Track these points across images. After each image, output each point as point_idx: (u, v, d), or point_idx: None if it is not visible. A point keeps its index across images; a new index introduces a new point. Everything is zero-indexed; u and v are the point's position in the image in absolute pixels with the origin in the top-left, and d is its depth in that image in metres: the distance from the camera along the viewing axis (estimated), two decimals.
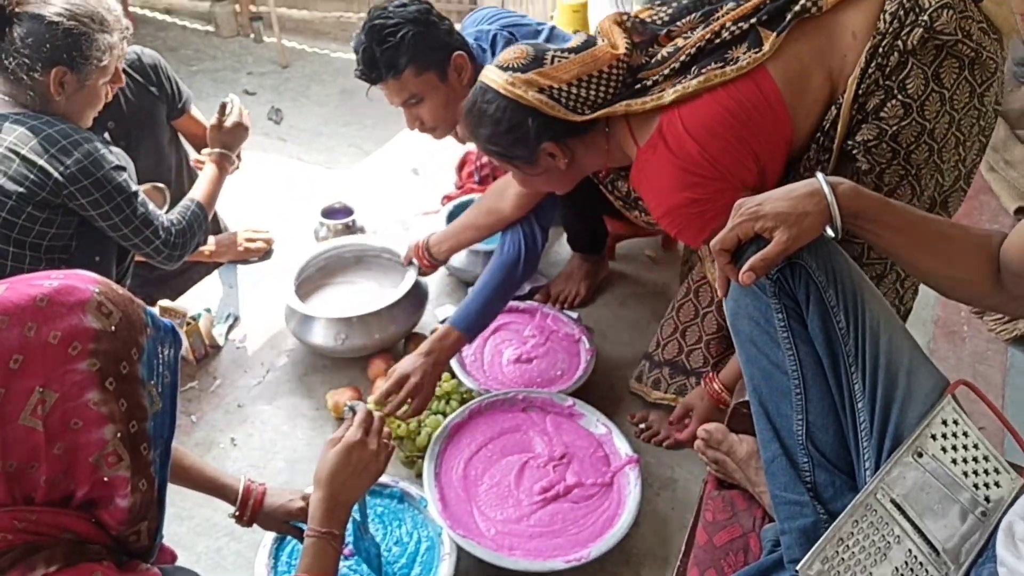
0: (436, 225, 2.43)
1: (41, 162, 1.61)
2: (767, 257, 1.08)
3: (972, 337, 2.36)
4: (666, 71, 1.46)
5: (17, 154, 1.61)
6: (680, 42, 1.50)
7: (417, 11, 1.82)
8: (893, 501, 1.00)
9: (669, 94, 1.42)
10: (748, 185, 1.46)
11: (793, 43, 1.40)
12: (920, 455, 1.03)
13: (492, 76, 1.49)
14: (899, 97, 1.37)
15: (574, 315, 2.21)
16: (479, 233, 2.07)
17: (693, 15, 1.52)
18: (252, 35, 6.15)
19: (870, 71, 1.37)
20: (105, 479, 0.86)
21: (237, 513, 1.43)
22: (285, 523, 1.47)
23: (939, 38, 1.33)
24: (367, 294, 2.22)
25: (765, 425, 1.18)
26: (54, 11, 1.62)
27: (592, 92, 1.45)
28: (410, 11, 1.82)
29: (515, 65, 1.47)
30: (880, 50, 1.36)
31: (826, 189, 1.09)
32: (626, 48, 1.48)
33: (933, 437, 1.05)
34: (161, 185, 2.13)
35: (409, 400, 1.75)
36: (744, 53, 1.41)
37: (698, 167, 1.41)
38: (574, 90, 1.45)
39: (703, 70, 1.42)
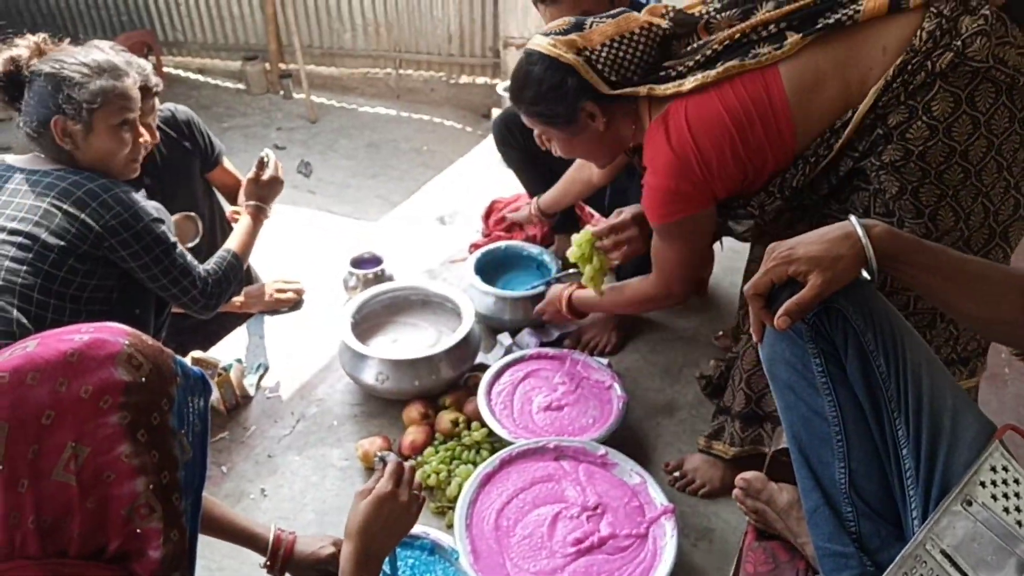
0: (464, 272, 2.46)
1: (83, 216, 1.65)
2: (802, 301, 1.07)
3: (1014, 380, 2.30)
4: (691, 63, 1.52)
5: (60, 208, 1.64)
6: (714, 37, 1.55)
7: None
8: (943, 552, 0.96)
9: (689, 82, 1.49)
10: (730, 193, 1.58)
11: (816, 49, 1.43)
12: (970, 503, 0.99)
13: (537, 41, 1.62)
14: (924, 119, 1.36)
15: (604, 361, 2.19)
16: (575, 197, 2.46)
17: (733, 12, 1.57)
18: (282, 92, 6.31)
19: (894, 85, 1.37)
20: (138, 531, 0.86)
21: (268, 563, 1.42)
22: (316, 571, 1.46)
23: (970, 64, 1.32)
24: (424, 339, 2.26)
25: (806, 473, 1.15)
26: (49, 65, 1.66)
27: (622, 53, 1.56)
28: None
29: (558, 30, 1.61)
30: (909, 67, 1.36)
31: (860, 231, 1.07)
32: (663, 24, 1.59)
33: (982, 484, 1.01)
34: (193, 215, 2.17)
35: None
36: (765, 50, 1.45)
37: (688, 165, 1.51)
38: (606, 51, 1.56)
39: (725, 63, 1.47)
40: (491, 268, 2.53)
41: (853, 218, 1.09)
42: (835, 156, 1.48)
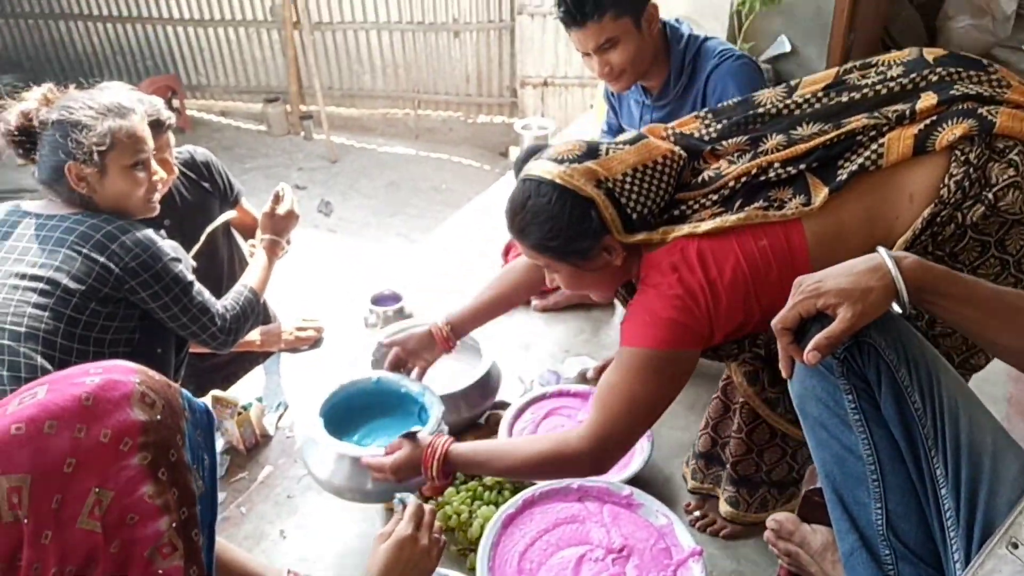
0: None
1: (102, 259, 1.65)
2: (832, 335, 1.04)
3: None
4: (706, 201, 1.41)
5: (79, 253, 1.65)
6: (724, 166, 1.45)
7: None
8: None
9: (707, 224, 1.36)
10: (727, 336, 1.42)
11: (842, 201, 1.33)
12: (1016, 546, 0.95)
13: (547, 168, 1.41)
14: (948, 262, 1.30)
15: None
16: (513, 304, 2.00)
17: (740, 138, 1.48)
18: (302, 133, 6.40)
19: (923, 237, 1.30)
20: (160, 571, 0.84)
21: None
22: None
23: (1003, 216, 1.27)
24: (442, 377, 2.21)
25: (841, 514, 1.11)
26: (56, 113, 1.67)
27: (647, 186, 1.40)
28: None
29: (570, 157, 1.41)
30: (938, 219, 1.28)
31: (889, 263, 1.05)
32: (681, 152, 1.47)
33: None
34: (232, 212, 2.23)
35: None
36: (790, 198, 1.36)
37: (695, 300, 1.34)
38: (628, 183, 1.39)
39: (745, 207, 1.36)
40: (352, 411, 1.86)
41: (882, 249, 1.07)
42: None
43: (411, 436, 1.58)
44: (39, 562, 0.79)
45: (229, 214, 2.26)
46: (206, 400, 2.12)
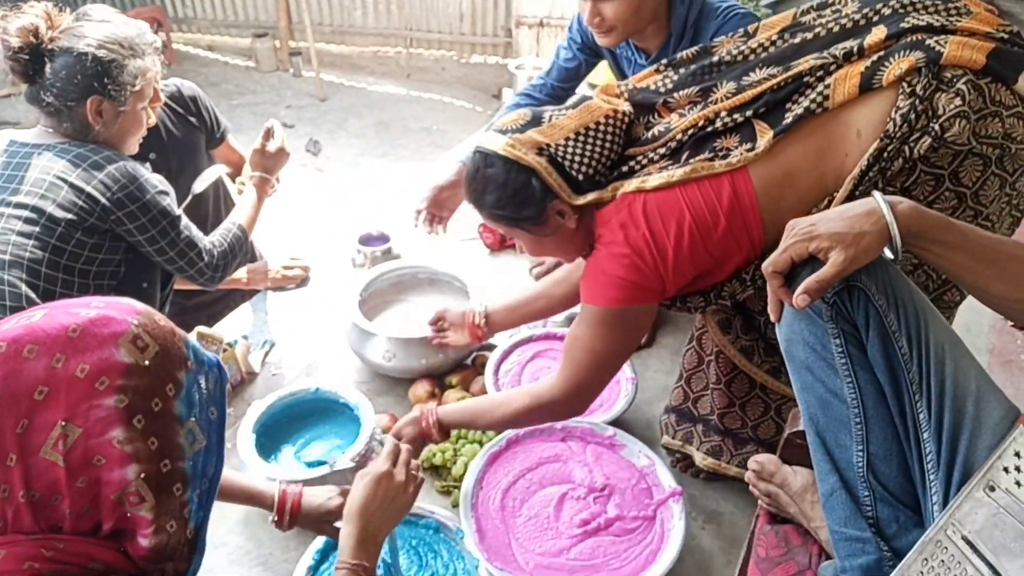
0: (473, 250, 2.42)
1: (88, 188, 1.63)
2: (823, 279, 1.03)
3: None
4: (654, 154, 1.41)
5: (65, 181, 1.62)
6: (675, 119, 1.44)
7: None
8: (965, 538, 0.93)
9: (654, 179, 1.36)
10: (679, 290, 1.43)
11: (788, 144, 1.33)
12: (992, 489, 0.96)
13: (491, 140, 1.43)
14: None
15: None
16: (553, 304, 1.93)
17: (692, 89, 1.47)
18: (291, 70, 6.27)
19: (871, 174, 1.29)
20: (128, 515, 0.83)
21: (276, 519, 1.43)
22: (326, 523, 1.47)
23: (951, 147, 1.25)
24: (425, 315, 2.22)
25: (823, 456, 1.12)
26: (85, 43, 1.64)
27: (588, 148, 1.40)
28: None
29: (513, 127, 1.43)
30: (885, 153, 1.27)
31: (884, 207, 1.04)
32: (626, 109, 1.46)
33: (1006, 470, 0.98)
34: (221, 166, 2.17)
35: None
36: (736, 147, 1.35)
37: (643, 258, 1.36)
38: (571, 148, 1.40)
39: (691, 160, 1.36)
40: (293, 418, 1.90)
41: (877, 194, 1.05)
42: None
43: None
44: (7, 484, 0.78)
45: (217, 169, 2.20)
46: (191, 336, 2.12)
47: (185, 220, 1.81)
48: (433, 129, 5.07)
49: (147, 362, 0.83)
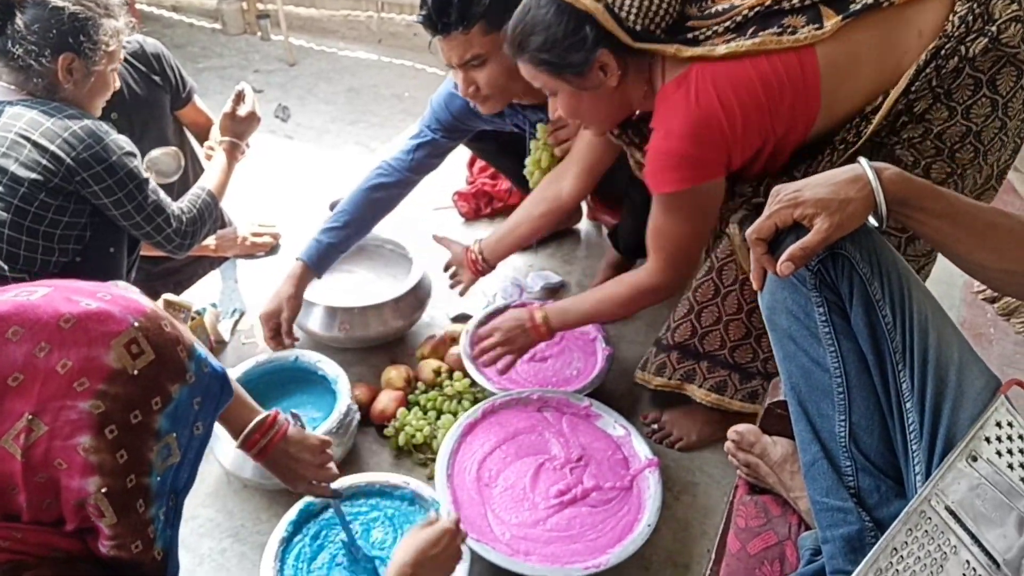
0: (447, 219, 2.38)
1: (53, 147, 1.57)
2: (807, 246, 1.02)
3: (999, 340, 2.29)
4: (720, 27, 1.41)
5: (28, 140, 1.56)
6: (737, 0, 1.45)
7: None
8: (948, 508, 0.93)
9: (721, 49, 1.36)
10: (744, 162, 1.46)
11: (853, 31, 1.35)
12: (975, 459, 0.96)
13: None
14: (944, 101, 1.37)
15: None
16: (536, 224, 1.93)
17: None
18: (259, 33, 6.10)
19: (927, 71, 1.35)
20: (91, 519, 0.78)
21: (251, 437, 1.27)
22: (299, 473, 1.35)
23: (1003, 50, 1.32)
24: (367, 284, 2.17)
25: (804, 426, 1.11)
26: (70, 4, 1.59)
27: (647, 1, 1.38)
28: None
29: None
30: (942, 52, 1.33)
31: (870, 174, 1.02)
32: None
33: (987, 440, 0.98)
34: (175, 149, 2.10)
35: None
36: (803, 26, 1.36)
37: (711, 127, 1.37)
38: None
39: (759, 33, 1.37)
40: (271, 385, 1.87)
41: (863, 160, 1.04)
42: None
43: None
44: None
45: (174, 158, 2.12)
46: (158, 303, 2.06)
47: (153, 184, 1.76)
48: (405, 96, 4.98)
49: (136, 371, 0.77)
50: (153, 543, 0.82)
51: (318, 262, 1.94)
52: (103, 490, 0.76)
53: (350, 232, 1.96)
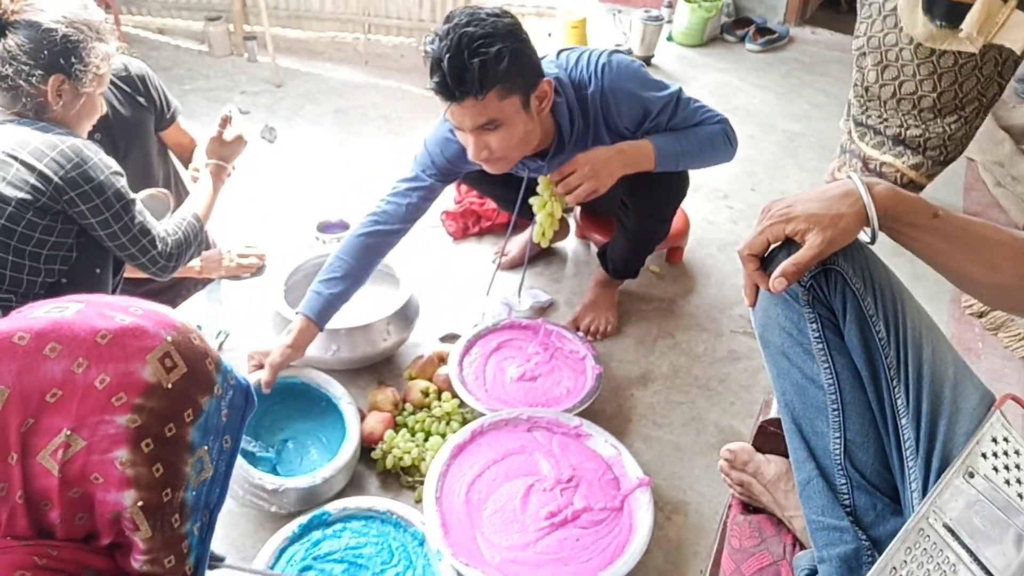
0: (436, 239, 2.37)
1: (40, 166, 1.55)
2: (800, 262, 1.01)
3: (987, 354, 2.29)
4: None
5: (15, 158, 1.55)
6: None
7: (511, 24, 1.61)
8: (946, 526, 0.91)
9: None
10: None
11: None
12: (971, 476, 0.95)
13: None
14: None
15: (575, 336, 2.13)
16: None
17: None
18: (246, 55, 6.10)
19: None
20: (126, 533, 0.78)
21: None
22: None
23: None
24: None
25: (799, 444, 1.10)
26: (51, 18, 1.58)
27: None
28: (504, 23, 1.59)
29: None
30: None
31: (862, 189, 1.01)
32: None
33: (984, 456, 0.96)
34: (165, 191, 2.07)
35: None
36: None
37: None
38: None
39: None
40: (275, 411, 1.87)
41: (855, 176, 1.03)
42: None
43: None
44: (6, 483, 0.73)
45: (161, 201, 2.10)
46: (231, 365, 2.02)
47: (139, 205, 1.74)
48: (392, 117, 4.98)
49: (170, 384, 0.78)
50: (186, 558, 0.82)
51: (320, 315, 1.86)
52: (139, 503, 0.77)
53: (348, 284, 1.90)
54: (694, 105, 1.89)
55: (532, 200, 1.91)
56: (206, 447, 0.83)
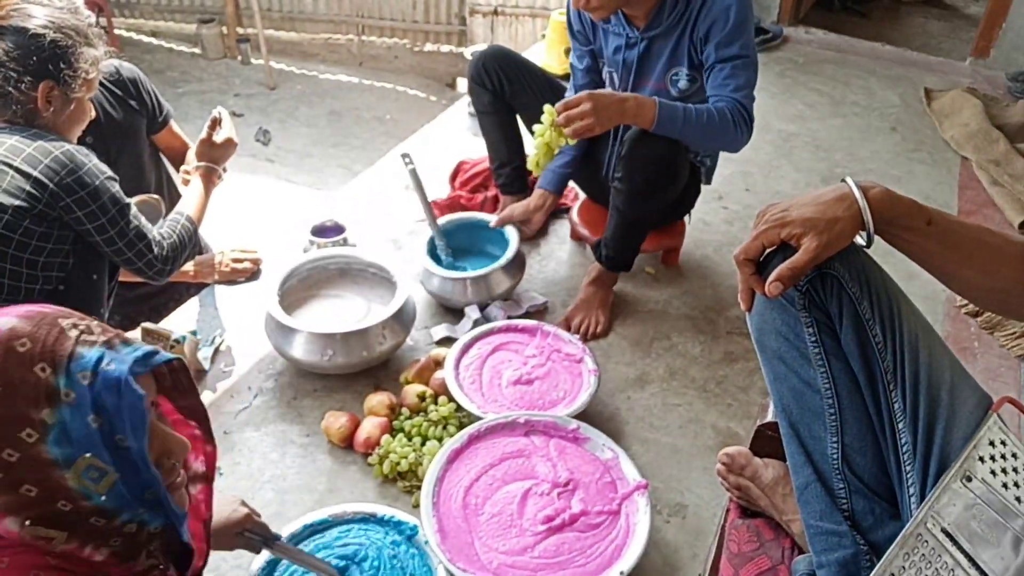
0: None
1: (35, 173, 1.55)
2: (795, 266, 1.01)
3: (984, 354, 2.29)
4: None
5: (10, 166, 1.54)
6: None
7: None
8: (944, 530, 0.91)
9: None
10: None
11: None
12: (969, 479, 0.94)
13: None
14: None
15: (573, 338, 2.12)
16: None
17: None
18: (239, 57, 6.09)
19: None
20: (42, 550, 0.75)
21: None
22: (238, 536, 1.31)
23: None
24: (351, 309, 2.14)
25: (796, 449, 1.10)
26: (39, 24, 1.57)
27: None
28: None
29: None
30: None
31: (857, 193, 1.01)
32: None
33: (981, 459, 0.96)
34: (156, 197, 2.07)
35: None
36: None
37: None
38: None
39: None
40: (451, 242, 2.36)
41: (849, 179, 1.03)
42: None
43: None
44: None
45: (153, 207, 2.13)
46: (135, 333, 2.02)
47: (134, 210, 1.74)
48: (386, 118, 4.99)
49: None
50: (143, 528, 0.79)
51: (557, 187, 2.35)
52: (27, 522, 0.72)
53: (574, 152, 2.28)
54: (741, 79, 1.96)
55: (534, 127, 2.02)
56: (88, 455, 0.73)
